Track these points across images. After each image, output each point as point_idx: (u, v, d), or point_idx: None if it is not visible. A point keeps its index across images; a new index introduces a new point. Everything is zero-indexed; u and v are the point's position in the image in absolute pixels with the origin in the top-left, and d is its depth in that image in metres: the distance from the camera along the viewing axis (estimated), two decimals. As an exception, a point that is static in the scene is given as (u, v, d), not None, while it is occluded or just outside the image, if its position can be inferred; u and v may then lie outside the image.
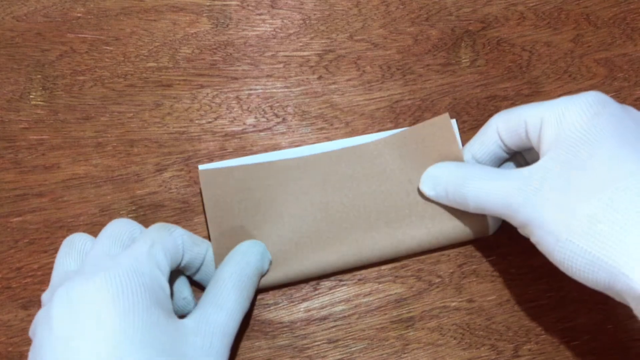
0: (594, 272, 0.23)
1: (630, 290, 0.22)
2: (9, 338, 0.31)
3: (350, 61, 0.34)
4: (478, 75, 0.34)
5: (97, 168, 0.33)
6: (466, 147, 0.31)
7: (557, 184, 0.25)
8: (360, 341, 0.31)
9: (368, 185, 0.32)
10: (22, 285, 0.32)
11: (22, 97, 0.34)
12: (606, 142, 0.24)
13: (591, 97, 0.26)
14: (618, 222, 0.23)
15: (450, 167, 0.30)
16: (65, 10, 0.35)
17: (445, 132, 0.32)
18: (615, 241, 0.22)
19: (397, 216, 0.32)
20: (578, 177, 0.24)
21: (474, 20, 0.35)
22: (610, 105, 0.26)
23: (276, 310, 0.31)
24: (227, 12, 0.35)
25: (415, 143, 0.32)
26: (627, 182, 0.23)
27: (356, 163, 0.32)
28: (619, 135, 0.25)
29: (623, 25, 0.35)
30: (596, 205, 0.23)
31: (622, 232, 0.22)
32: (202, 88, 0.34)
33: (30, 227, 0.32)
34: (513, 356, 0.31)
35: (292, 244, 0.31)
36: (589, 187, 0.24)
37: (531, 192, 0.25)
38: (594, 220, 0.23)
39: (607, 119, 0.25)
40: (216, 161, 0.33)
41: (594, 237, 0.23)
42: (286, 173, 0.32)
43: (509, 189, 0.26)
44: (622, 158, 0.24)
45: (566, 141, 0.25)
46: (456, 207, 0.30)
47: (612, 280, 0.23)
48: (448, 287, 0.32)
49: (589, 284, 0.24)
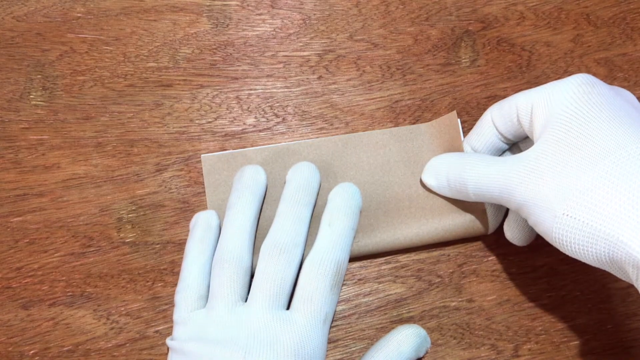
0: (594, 244, 0.23)
1: (630, 257, 0.22)
2: (9, 338, 0.31)
3: (350, 61, 0.34)
4: (478, 75, 0.34)
5: (97, 168, 0.33)
6: (465, 140, 0.31)
7: (551, 162, 0.25)
8: (360, 341, 0.31)
9: (371, 175, 0.32)
10: (22, 285, 0.32)
11: (22, 97, 0.34)
12: (596, 119, 0.25)
13: (579, 78, 0.26)
14: (613, 193, 0.23)
15: (451, 156, 0.31)
16: (65, 10, 0.35)
17: (451, 130, 0.32)
18: (611, 211, 0.22)
19: (397, 207, 0.32)
20: (571, 153, 0.25)
21: (474, 20, 0.35)
22: (599, 85, 0.26)
23: (276, 310, 0.31)
24: (227, 12, 0.35)
25: (422, 139, 0.33)
26: (619, 154, 0.23)
27: (361, 151, 0.33)
28: (608, 112, 0.25)
29: (623, 25, 0.35)
30: (591, 178, 0.23)
31: (617, 202, 0.22)
32: (202, 88, 0.34)
33: (31, 227, 0.32)
34: (513, 356, 0.31)
35: None
36: (583, 163, 0.24)
37: (526, 172, 0.26)
38: (590, 193, 0.23)
39: (596, 97, 0.25)
40: (216, 161, 0.33)
41: (591, 209, 0.23)
42: (289, 157, 0.32)
43: (506, 171, 0.27)
44: (612, 132, 0.24)
45: (557, 121, 0.25)
46: (457, 197, 0.30)
47: (612, 250, 0.22)
48: (448, 287, 0.32)
49: (590, 259, 0.24)
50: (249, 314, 0.26)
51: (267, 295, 0.27)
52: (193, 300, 0.28)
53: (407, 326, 0.30)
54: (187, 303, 0.28)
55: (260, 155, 0.32)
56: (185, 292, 0.28)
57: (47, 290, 0.32)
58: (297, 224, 0.29)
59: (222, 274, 0.28)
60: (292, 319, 0.26)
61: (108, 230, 0.32)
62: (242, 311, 0.27)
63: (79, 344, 0.31)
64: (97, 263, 0.32)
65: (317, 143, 0.33)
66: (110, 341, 0.31)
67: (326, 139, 0.33)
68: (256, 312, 0.26)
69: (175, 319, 0.28)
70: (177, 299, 0.29)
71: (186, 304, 0.28)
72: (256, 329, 0.26)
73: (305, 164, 0.31)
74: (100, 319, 0.31)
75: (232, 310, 0.27)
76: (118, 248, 0.32)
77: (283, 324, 0.26)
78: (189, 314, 0.28)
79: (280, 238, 0.28)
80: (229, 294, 0.27)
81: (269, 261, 0.28)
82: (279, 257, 0.28)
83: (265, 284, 0.27)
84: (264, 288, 0.27)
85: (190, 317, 0.28)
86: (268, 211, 0.32)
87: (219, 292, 0.27)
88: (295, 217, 0.29)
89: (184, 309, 0.28)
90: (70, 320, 0.31)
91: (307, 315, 0.26)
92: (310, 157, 0.32)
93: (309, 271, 0.28)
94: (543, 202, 0.25)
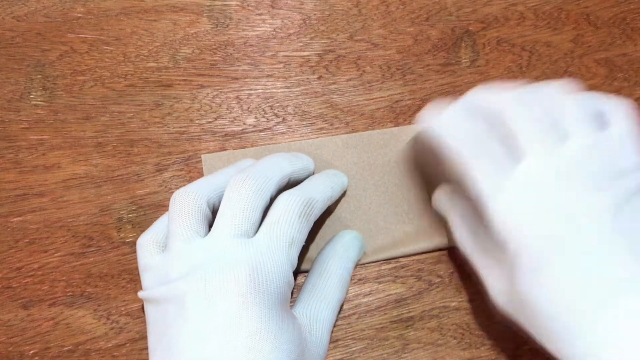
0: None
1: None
2: (9, 338, 0.31)
3: (350, 61, 0.34)
4: (478, 75, 0.34)
5: (97, 168, 0.33)
6: None
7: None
8: (360, 341, 0.31)
9: (371, 176, 0.32)
10: (22, 285, 0.32)
11: (22, 97, 0.34)
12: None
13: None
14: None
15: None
16: (66, 10, 0.35)
17: None
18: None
19: (395, 211, 0.32)
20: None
21: (474, 20, 0.35)
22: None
23: (276, 310, 0.31)
24: (227, 12, 0.35)
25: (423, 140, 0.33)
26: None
27: (361, 151, 0.33)
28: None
29: (623, 26, 0.35)
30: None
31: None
32: (202, 88, 0.34)
33: (31, 227, 0.32)
34: (513, 356, 0.31)
35: None
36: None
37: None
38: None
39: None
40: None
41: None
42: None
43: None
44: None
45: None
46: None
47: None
48: (448, 287, 0.32)
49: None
50: (208, 244, 0.25)
51: (228, 222, 0.26)
52: (151, 245, 0.27)
53: (347, 232, 0.31)
54: (144, 249, 0.27)
55: (260, 155, 0.32)
56: (143, 238, 0.28)
57: (47, 290, 0.32)
58: (270, 164, 0.28)
59: (174, 210, 0.27)
60: (254, 241, 0.25)
61: (108, 230, 0.32)
62: (200, 243, 0.26)
63: (79, 344, 0.31)
64: (97, 263, 0.32)
65: (317, 143, 0.33)
66: (110, 341, 0.31)
67: (326, 139, 0.33)
68: (216, 240, 0.25)
69: (139, 268, 0.28)
70: (137, 247, 0.28)
71: (143, 250, 0.27)
72: (215, 256, 0.25)
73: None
74: (101, 319, 0.31)
75: (189, 244, 0.26)
76: (118, 248, 0.32)
77: (244, 247, 0.25)
78: (150, 259, 0.27)
79: (248, 169, 0.27)
80: (184, 230, 0.26)
81: (232, 188, 0.26)
82: (243, 183, 0.26)
83: (227, 210, 0.26)
84: (225, 215, 0.26)
85: (150, 262, 0.27)
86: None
87: (173, 230, 0.26)
88: (270, 160, 0.28)
89: (142, 256, 0.27)
90: (71, 320, 0.31)
91: (271, 237, 0.25)
92: (310, 156, 0.32)
93: (278, 201, 0.27)
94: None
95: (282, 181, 0.28)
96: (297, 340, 0.25)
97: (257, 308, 0.24)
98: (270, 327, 0.24)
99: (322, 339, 0.27)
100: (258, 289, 0.24)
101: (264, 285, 0.24)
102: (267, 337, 0.23)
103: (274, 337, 0.23)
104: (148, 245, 0.28)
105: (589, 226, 0.23)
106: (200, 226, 0.26)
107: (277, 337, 0.24)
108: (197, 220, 0.26)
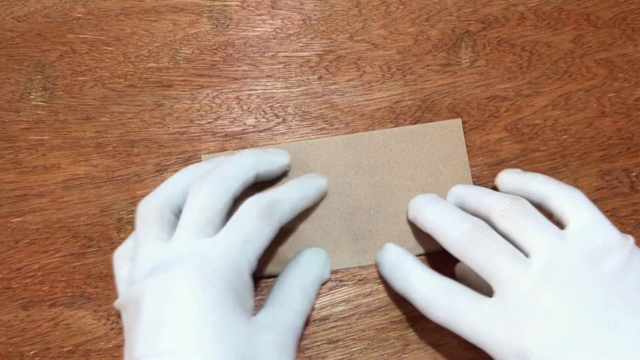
0: None
1: None
2: (9, 338, 0.31)
3: (351, 61, 0.34)
4: (478, 75, 0.34)
5: (98, 168, 0.33)
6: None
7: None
8: (360, 341, 0.31)
9: (372, 176, 0.32)
10: (22, 285, 0.32)
11: (22, 97, 0.34)
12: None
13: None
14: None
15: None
16: (66, 10, 0.35)
17: (453, 135, 0.32)
18: None
19: (395, 212, 0.32)
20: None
21: (474, 21, 0.35)
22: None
23: (276, 310, 0.31)
24: (228, 13, 0.35)
25: (423, 140, 0.33)
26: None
27: (362, 152, 0.33)
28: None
29: (623, 26, 0.35)
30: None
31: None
32: (202, 88, 0.34)
33: (31, 227, 0.32)
34: (513, 356, 0.31)
35: (292, 228, 0.32)
36: None
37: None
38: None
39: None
40: (216, 161, 0.33)
41: None
42: (291, 157, 0.32)
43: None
44: None
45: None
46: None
47: None
48: (448, 288, 0.32)
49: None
50: (168, 247, 0.26)
51: (188, 225, 0.26)
52: (123, 258, 0.29)
53: (308, 250, 0.31)
54: (117, 262, 0.29)
55: None
56: (117, 252, 0.29)
57: (47, 291, 0.32)
58: (231, 164, 0.28)
59: (137, 220, 0.28)
60: (211, 239, 0.26)
61: (108, 230, 0.32)
62: (162, 247, 0.26)
63: (79, 345, 0.31)
64: (97, 263, 0.32)
65: (318, 143, 0.33)
66: (110, 342, 0.31)
67: (326, 140, 0.33)
68: (177, 242, 0.26)
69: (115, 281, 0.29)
70: (113, 261, 0.29)
71: (117, 264, 0.29)
72: (173, 256, 0.25)
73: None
74: (101, 320, 0.31)
75: (152, 249, 0.26)
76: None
77: (200, 245, 0.26)
78: (121, 272, 0.28)
79: (210, 171, 0.28)
80: (146, 237, 0.27)
81: (192, 191, 0.27)
82: (201, 186, 0.27)
83: (186, 214, 0.27)
84: (185, 218, 0.27)
85: (122, 274, 0.28)
86: None
87: (137, 239, 0.27)
88: (233, 160, 0.29)
89: (116, 269, 0.29)
90: (71, 320, 0.31)
91: (227, 235, 0.26)
92: (310, 157, 0.32)
93: (242, 203, 0.27)
94: None
95: (247, 178, 0.28)
96: (246, 336, 0.25)
97: (206, 301, 0.24)
98: (214, 323, 0.24)
99: (284, 339, 0.26)
100: (208, 283, 0.24)
101: (214, 279, 0.25)
102: (209, 333, 0.24)
103: (217, 332, 0.24)
104: (120, 258, 0.29)
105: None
106: (162, 232, 0.27)
107: (220, 332, 0.24)
108: (159, 227, 0.27)
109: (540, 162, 0.33)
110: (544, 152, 0.33)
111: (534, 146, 0.33)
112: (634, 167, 0.33)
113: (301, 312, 0.28)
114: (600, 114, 0.34)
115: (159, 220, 0.27)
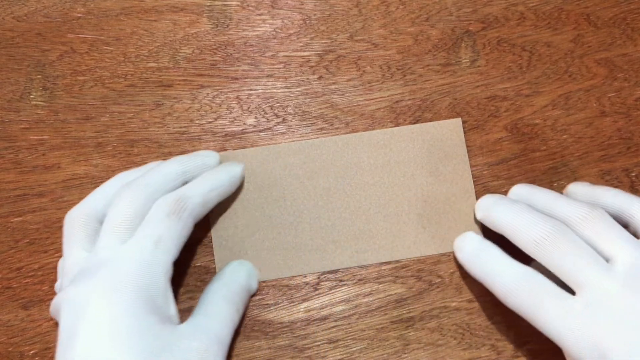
0: None
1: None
2: (9, 338, 0.31)
3: (351, 61, 0.34)
4: (478, 75, 0.34)
5: (98, 168, 0.33)
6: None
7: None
8: (360, 341, 0.31)
9: (372, 176, 0.32)
10: (22, 285, 0.32)
11: (22, 97, 0.34)
12: None
13: None
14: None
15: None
16: (66, 10, 0.35)
17: (454, 135, 0.32)
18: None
19: (396, 211, 0.32)
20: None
21: (474, 21, 0.35)
22: None
23: (276, 310, 0.31)
24: (228, 12, 0.35)
25: (423, 140, 0.33)
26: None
27: (362, 151, 0.33)
28: None
29: (623, 26, 0.35)
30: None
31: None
32: (202, 88, 0.34)
33: (31, 227, 0.32)
34: (513, 356, 0.31)
35: (292, 228, 0.32)
36: None
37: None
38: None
39: None
40: (216, 161, 0.33)
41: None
42: (291, 157, 0.32)
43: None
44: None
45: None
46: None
47: None
48: (448, 287, 0.32)
49: None
50: (89, 257, 0.26)
51: (108, 233, 0.27)
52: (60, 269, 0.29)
53: (234, 262, 0.31)
54: (58, 273, 0.29)
55: (260, 156, 0.32)
56: (59, 263, 0.30)
57: (48, 291, 0.32)
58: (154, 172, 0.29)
59: (63, 232, 0.28)
60: (124, 245, 0.26)
61: (108, 230, 0.32)
62: (84, 257, 0.27)
63: (79, 344, 0.31)
64: (97, 263, 0.32)
65: (318, 143, 0.33)
66: (110, 341, 0.31)
67: (326, 139, 0.33)
68: (97, 251, 0.26)
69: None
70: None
71: (58, 274, 0.29)
72: (90, 266, 0.26)
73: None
74: (101, 319, 0.31)
75: (75, 261, 0.27)
76: (118, 248, 0.32)
77: (113, 252, 0.26)
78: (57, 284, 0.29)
79: (133, 181, 0.28)
80: (70, 249, 0.27)
81: (115, 200, 0.28)
82: (121, 196, 0.27)
83: (106, 222, 0.27)
84: (105, 227, 0.27)
85: (57, 286, 0.29)
86: (268, 210, 0.32)
87: (63, 251, 0.28)
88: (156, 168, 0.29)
89: (57, 286, 0.29)
90: (71, 320, 0.31)
91: (137, 239, 0.26)
92: (310, 157, 0.32)
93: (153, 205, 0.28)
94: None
95: (170, 184, 0.29)
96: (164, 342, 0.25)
97: (117, 309, 0.24)
98: (128, 330, 0.24)
99: (208, 347, 0.26)
100: (119, 290, 0.25)
101: (126, 285, 0.25)
102: (122, 340, 0.24)
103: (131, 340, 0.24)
104: (59, 269, 0.29)
105: None
106: (87, 241, 0.27)
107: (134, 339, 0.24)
108: (83, 237, 0.27)
109: (540, 162, 0.33)
110: (544, 151, 0.33)
111: (534, 146, 0.33)
112: (634, 167, 0.33)
113: (227, 322, 0.28)
114: (600, 114, 0.34)
115: (84, 230, 0.28)
